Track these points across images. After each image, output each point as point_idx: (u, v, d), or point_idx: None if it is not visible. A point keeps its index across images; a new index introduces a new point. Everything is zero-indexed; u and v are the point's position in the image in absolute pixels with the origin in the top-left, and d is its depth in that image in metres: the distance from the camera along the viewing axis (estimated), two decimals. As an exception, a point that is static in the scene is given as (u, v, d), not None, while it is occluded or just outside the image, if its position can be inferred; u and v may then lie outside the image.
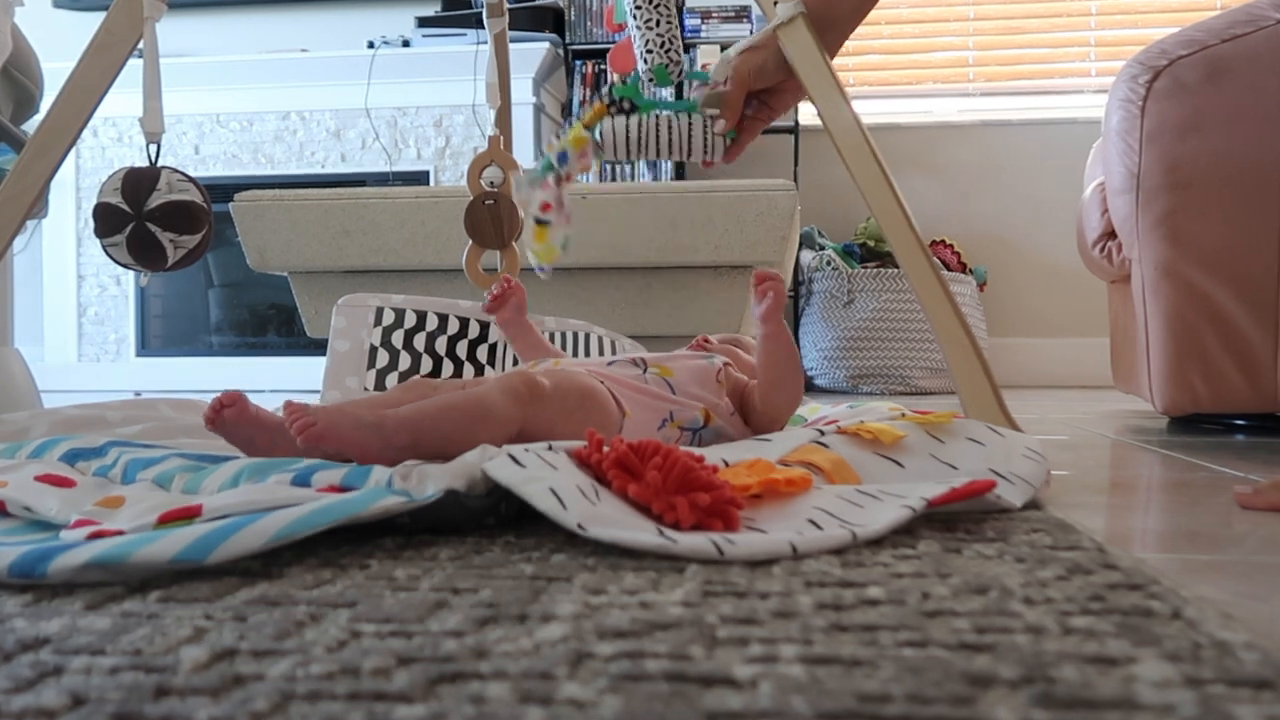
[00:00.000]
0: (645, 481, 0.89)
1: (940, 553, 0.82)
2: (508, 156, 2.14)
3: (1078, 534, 0.90)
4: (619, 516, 0.85)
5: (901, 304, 4.03)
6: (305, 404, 1.10)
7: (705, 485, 0.88)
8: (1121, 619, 0.62)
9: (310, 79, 4.71)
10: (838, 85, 1.44)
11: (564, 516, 0.83)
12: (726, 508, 0.87)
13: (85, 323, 4.91)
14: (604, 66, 4.73)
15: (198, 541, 0.75)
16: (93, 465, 1.14)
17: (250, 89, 4.75)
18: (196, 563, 0.74)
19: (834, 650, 0.57)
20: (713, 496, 0.87)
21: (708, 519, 0.86)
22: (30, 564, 0.73)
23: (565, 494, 0.85)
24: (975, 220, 4.70)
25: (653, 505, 0.87)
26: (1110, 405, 2.99)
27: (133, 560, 0.73)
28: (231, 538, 0.76)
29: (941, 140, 4.76)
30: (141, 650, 0.58)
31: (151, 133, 1.59)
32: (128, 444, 1.22)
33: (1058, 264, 4.51)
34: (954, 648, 0.57)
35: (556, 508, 0.84)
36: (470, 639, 0.59)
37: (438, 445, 1.09)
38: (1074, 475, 1.45)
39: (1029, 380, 4.58)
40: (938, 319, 1.40)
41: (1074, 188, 2.97)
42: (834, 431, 1.20)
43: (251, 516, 0.79)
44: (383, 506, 0.85)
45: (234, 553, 0.75)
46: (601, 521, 0.83)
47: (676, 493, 0.87)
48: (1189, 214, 1.97)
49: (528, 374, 1.23)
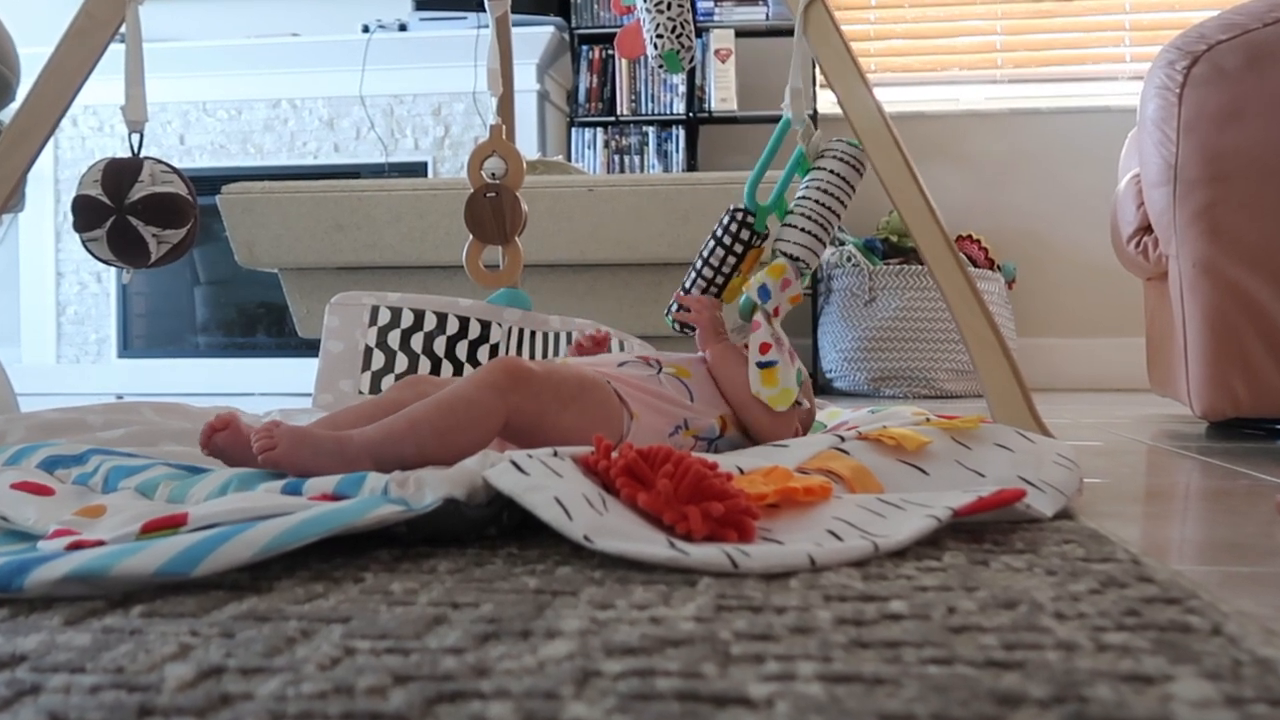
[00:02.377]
0: (656, 490, 0.88)
1: (967, 565, 0.82)
2: (510, 147, 2.14)
3: (1112, 545, 0.89)
4: (628, 527, 0.85)
5: (926, 302, 4.03)
6: (277, 423, 1.11)
7: (719, 494, 0.88)
8: (1158, 635, 0.62)
9: (302, 65, 4.72)
10: (859, 72, 1.44)
11: (569, 528, 0.83)
12: (741, 518, 0.87)
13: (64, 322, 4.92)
14: (611, 51, 4.73)
15: (184, 553, 0.75)
16: (72, 473, 1.14)
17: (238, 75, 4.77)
18: (183, 575, 0.74)
19: (855, 668, 0.57)
20: (727, 506, 0.87)
21: (721, 529, 0.86)
22: (6, 577, 0.73)
23: (571, 504, 0.85)
24: (1004, 214, 4.69)
25: (664, 515, 0.87)
26: (1146, 409, 2.99)
27: (114, 573, 0.73)
28: (219, 549, 0.76)
29: (968, 129, 4.76)
30: (124, 668, 0.58)
31: (134, 121, 1.59)
32: (110, 451, 1.22)
33: (1090, 260, 4.50)
34: (981, 665, 0.57)
35: (561, 518, 0.84)
36: (470, 656, 0.59)
37: (409, 464, 1.09)
38: (1108, 483, 1.44)
39: (1060, 383, 4.58)
40: (964, 318, 1.40)
41: (1108, 180, 2.97)
42: (855, 437, 1.20)
43: (240, 526, 0.79)
44: (378, 516, 0.85)
45: (222, 564, 0.75)
46: (609, 533, 0.83)
47: (688, 502, 0.87)
48: (1229, 207, 1.97)
49: (510, 360, 1.22)
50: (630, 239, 3.09)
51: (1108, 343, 4.56)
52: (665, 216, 3.08)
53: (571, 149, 4.77)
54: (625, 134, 4.76)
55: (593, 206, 3.17)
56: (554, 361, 1.34)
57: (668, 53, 1.63)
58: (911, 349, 4.03)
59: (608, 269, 3.17)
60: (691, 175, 3.18)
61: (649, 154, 4.72)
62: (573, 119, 4.80)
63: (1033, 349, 4.60)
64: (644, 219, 3.09)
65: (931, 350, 4.03)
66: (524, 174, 2.16)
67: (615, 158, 4.74)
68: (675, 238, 3.06)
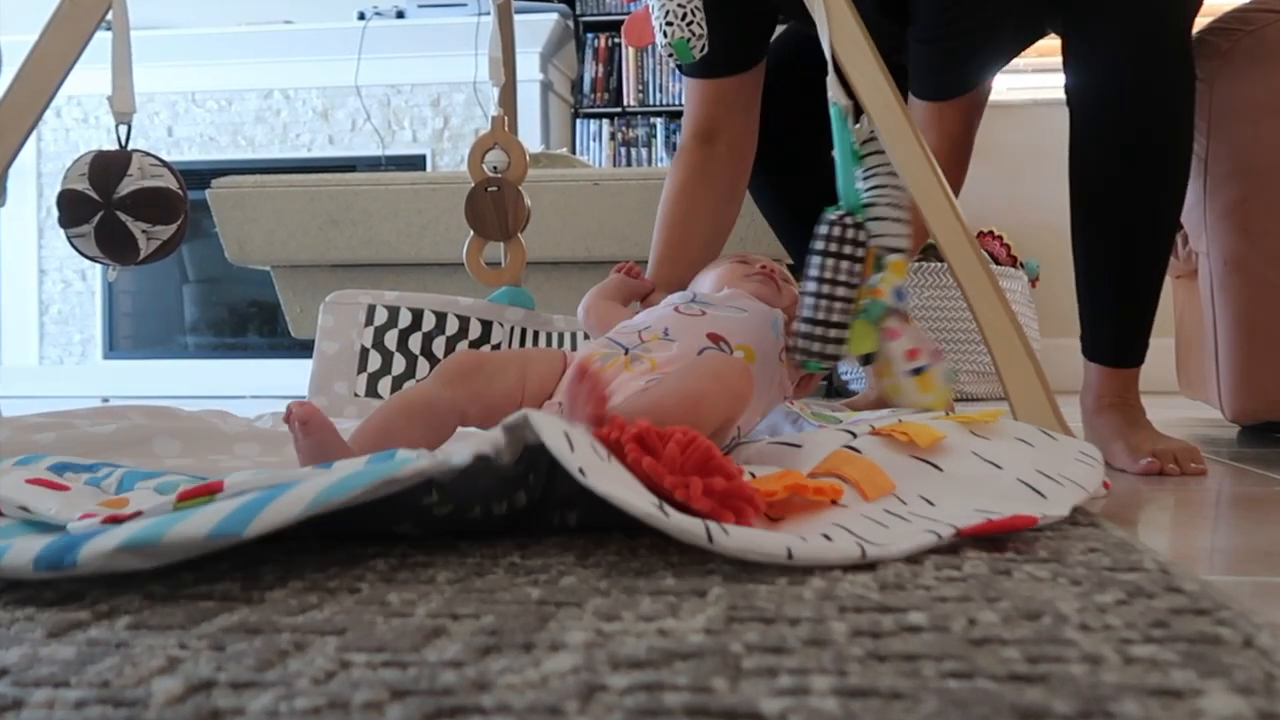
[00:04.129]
0: (662, 456, 0.89)
1: (988, 574, 0.82)
2: (512, 139, 2.14)
3: (1139, 553, 0.89)
4: (625, 479, 0.86)
5: (945, 301, 4.02)
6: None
7: (724, 472, 0.89)
8: (1187, 647, 0.62)
9: (295, 54, 4.72)
10: (876, 59, 1.44)
11: (568, 458, 0.83)
12: (741, 504, 0.87)
13: (47, 322, 4.93)
14: (618, 39, 4.74)
15: (232, 515, 0.75)
16: (83, 477, 1.15)
17: (229, 64, 4.77)
18: (235, 536, 0.75)
19: (871, 682, 0.57)
20: (730, 484, 0.87)
21: (720, 508, 0.86)
22: (57, 554, 0.74)
23: (577, 441, 0.86)
24: (1027, 208, 4.69)
25: (664, 480, 0.87)
26: (1175, 413, 2.98)
27: (167, 539, 0.74)
28: (268, 507, 0.76)
29: (990, 120, 4.74)
30: (109, 682, 0.58)
31: (121, 113, 1.59)
32: (119, 466, 1.22)
33: (1118, 257, 4.49)
34: (1003, 679, 0.57)
35: (564, 447, 0.84)
36: (471, 670, 0.59)
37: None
38: (1135, 489, 1.44)
39: (1086, 385, 4.56)
40: (985, 317, 1.39)
41: (1136, 172, 2.96)
42: (867, 432, 1.20)
43: (281, 487, 0.80)
44: (416, 468, 0.84)
45: (271, 523, 0.75)
46: (603, 475, 0.83)
47: (693, 473, 0.88)
48: (1262, 203, 1.96)
49: (461, 352, 1.23)
50: (637, 235, 3.09)
51: (1135, 343, 4.55)
52: (674, 211, 3.07)
53: (576, 141, 4.77)
54: (632, 126, 4.76)
55: (598, 201, 3.17)
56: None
57: (678, 41, 1.63)
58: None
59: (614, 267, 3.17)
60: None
61: (657, 147, 4.72)
62: (577, 110, 4.80)
63: (1057, 350, 4.58)
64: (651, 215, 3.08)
65: (951, 351, 4.02)
66: (527, 167, 2.16)
67: (622, 150, 4.74)
68: (684, 234, 3.05)
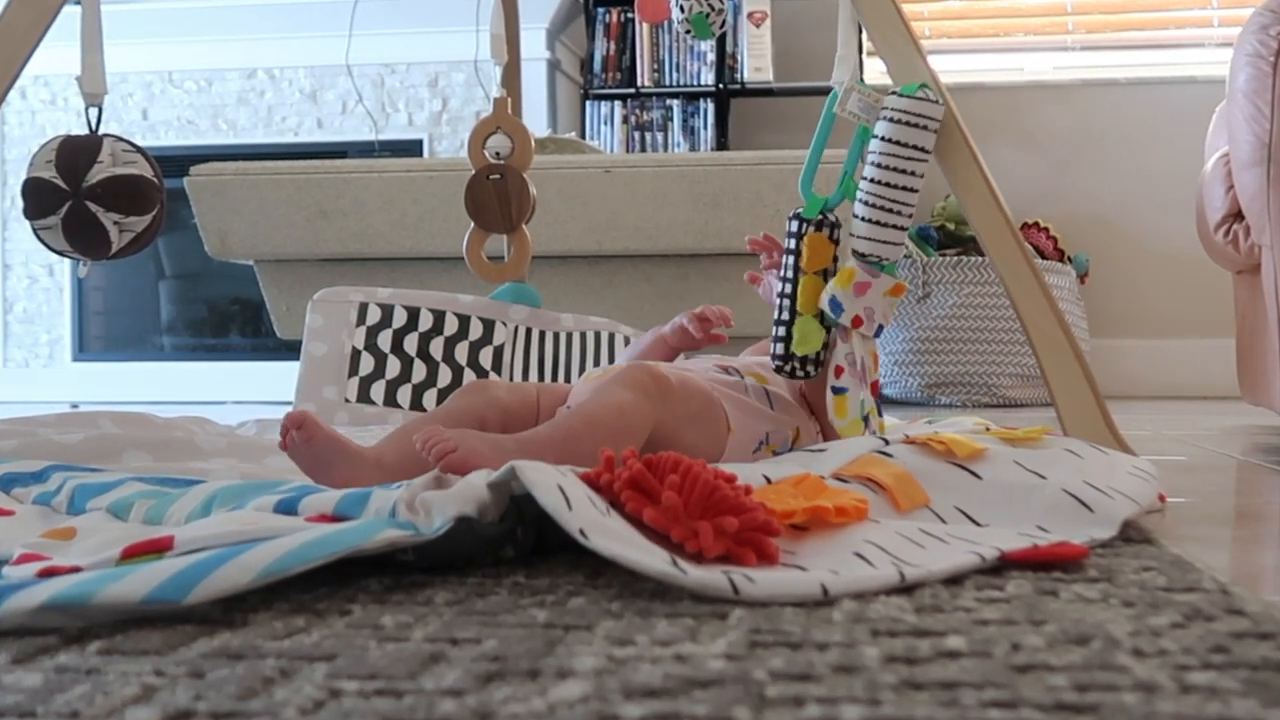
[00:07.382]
0: (663, 505, 0.88)
1: (1033, 594, 0.82)
2: (516, 122, 2.15)
3: (1197, 573, 0.89)
4: (629, 534, 0.85)
5: (987, 298, 4.02)
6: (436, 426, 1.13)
7: (733, 507, 0.88)
8: (1249, 674, 0.62)
9: (281, 30, 4.73)
10: (912, 38, 1.44)
11: (567, 518, 0.83)
12: (759, 537, 0.87)
13: (11, 321, 4.95)
14: (631, 15, 4.74)
15: (174, 578, 0.75)
16: (31, 492, 1.15)
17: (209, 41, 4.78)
18: (173, 603, 0.74)
19: (906, 711, 0.56)
20: (742, 521, 0.87)
21: (738, 549, 0.86)
22: None
23: (573, 496, 0.86)
24: (1075, 199, 4.68)
25: (671, 533, 0.87)
26: (1236, 419, 2.98)
27: (97, 600, 0.73)
28: (214, 573, 0.75)
29: (1035, 103, 4.75)
30: (79, 712, 0.58)
31: (91, 94, 1.60)
32: (72, 467, 1.22)
33: (1173, 251, 4.49)
34: (1050, 709, 0.57)
35: (561, 505, 0.84)
36: (471, 699, 0.59)
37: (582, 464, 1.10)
38: (1193, 503, 1.44)
39: (1139, 390, 4.56)
40: (1030, 316, 1.39)
41: (1193, 160, 2.96)
42: (902, 440, 1.19)
43: (233, 549, 0.79)
44: (387, 538, 0.85)
45: (216, 590, 0.75)
46: (607, 534, 0.83)
47: (700, 517, 0.87)
48: (1333, 190, 1.96)
49: (647, 367, 1.25)
50: (652, 227, 3.10)
51: (1192, 344, 4.55)
52: (692, 201, 3.08)
53: (586, 125, 4.78)
54: (647, 108, 4.76)
55: (610, 190, 3.18)
56: (678, 369, 1.36)
57: (696, 16, 1.63)
58: (970, 351, 4.03)
59: (627, 260, 3.18)
60: (721, 155, 3.18)
61: (673, 131, 4.73)
62: (587, 91, 4.80)
63: (1107, 351, 4.58)
64: (668, 204, 3.10)
65: (993, 352, 4.02)
66: (532, 153, 2.17)
67: (635, 135, 4.74)
68: (703, 225, 3.06)
